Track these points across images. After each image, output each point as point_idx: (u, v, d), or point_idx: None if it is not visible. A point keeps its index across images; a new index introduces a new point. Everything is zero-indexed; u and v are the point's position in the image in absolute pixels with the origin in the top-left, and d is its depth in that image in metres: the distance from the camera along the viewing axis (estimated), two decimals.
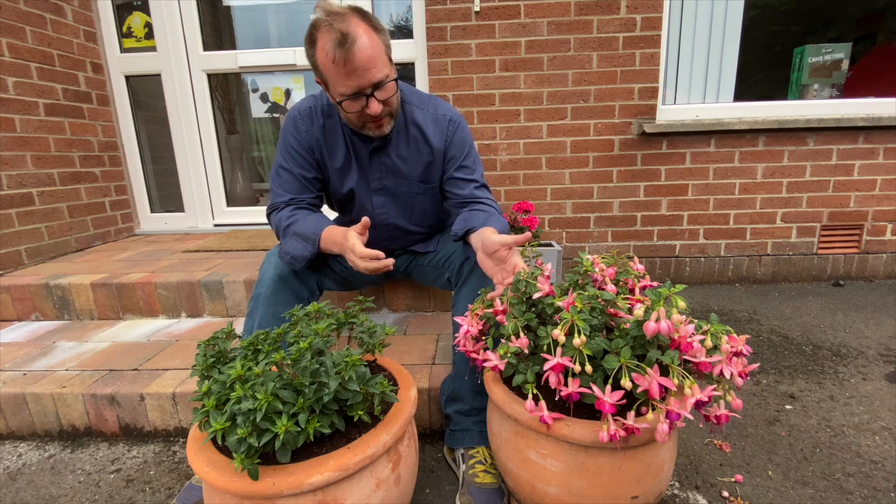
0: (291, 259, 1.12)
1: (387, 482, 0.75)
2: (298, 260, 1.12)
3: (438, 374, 1.24)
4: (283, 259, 1.14)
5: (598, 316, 0.80)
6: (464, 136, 1.21)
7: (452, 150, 1.20)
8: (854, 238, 2.30)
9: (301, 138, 1.16)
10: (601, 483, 0.77)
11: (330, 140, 1.17)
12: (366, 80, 0.98)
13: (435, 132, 1.19)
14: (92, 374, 1.31)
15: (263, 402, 0.65)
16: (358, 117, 1.06)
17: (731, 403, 0.77)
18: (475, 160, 1.24)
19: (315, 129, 1.16)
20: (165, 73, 2.43)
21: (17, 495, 1.05)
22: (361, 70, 0.96)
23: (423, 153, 1.19)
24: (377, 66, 0.97)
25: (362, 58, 0.95)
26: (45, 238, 2.07)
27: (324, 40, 0.95)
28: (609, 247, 2.35)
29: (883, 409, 1.26)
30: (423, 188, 1.24)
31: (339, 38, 0.92)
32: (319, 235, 1.09)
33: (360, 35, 0.94)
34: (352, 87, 0.98)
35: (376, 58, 0.97)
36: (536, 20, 2.11)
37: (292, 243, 1.12)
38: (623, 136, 2.22)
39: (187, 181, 2.57)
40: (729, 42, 2.27)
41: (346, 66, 0.95)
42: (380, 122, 1.08)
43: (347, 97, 1.00)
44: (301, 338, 0.79)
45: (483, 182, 1.23)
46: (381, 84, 1.00)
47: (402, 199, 1.24)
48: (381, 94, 1.02)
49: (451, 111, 1.22)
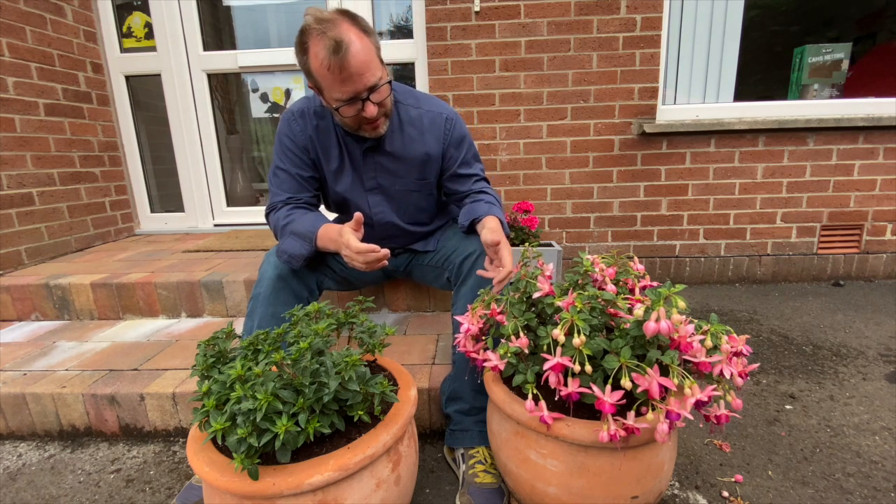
0: (289, 258, 1.12)
1: (387, 482, 0.75)
2: (296, 259, 1.12)
3: (438, 374, 1.24)
4: (280, 259, 1.14)
5: (598, 316, 0.80)
6: (461, 133, 1.22)
7: (451, 149, 1.21)
8: (854, 238, 2.30)
9: (296, 139, 1.17)
10: (601, 483, 0.77)
11: (323, 141, 1.18)
12: (361, 85, 0.98)
13: (431, 130, 1.19)
14: (92, 374, 1.31)
15: (263, 402, 0.65)
16: (354, 120, 1.07)
17: (731, 403, 0.77)
18: (474, 154, 1.26)
19: (309, 129, 1.17)
20: (165, 73, 2.43)
21: (17, 495, 1.05)
22: (357, 76, 0.96)
23: (418, 151, 1.20)
24: (371, 70, 0.98)
25: (357, 63, 0.95)
26: (45, 238, 2.07)
27: (317, 48, 0.95)
28: (609, 247, 2.35)
29: (883, 409, 1.26)
30: (418, 185, 1.24)
31: (334, 45, 0.92)
32: (316, 234, 1.09)
33: (353, 41, 0.94)
34: (347, 93, 0.98)
35: (370, 62, 0.97)
36: (536, 20, 2.11)
37: (290, 242, 1.12)
38: (623, 136, 2.22)
39: (187, 181, 2.57)
40: (729, 42, 2.27)
41: (342, 73, 0.95)
42: (375, 124, 1.09)
43: (344, 102, 1.00)
44: (301, 338, 0.79)
45: (482, 175, 1.26)
46: (376, 87, 1.01)
47: (396, 198, 1.25)
48: (377, 96, 1.02)
49: (446, 108, 1.22)
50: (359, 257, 0.99)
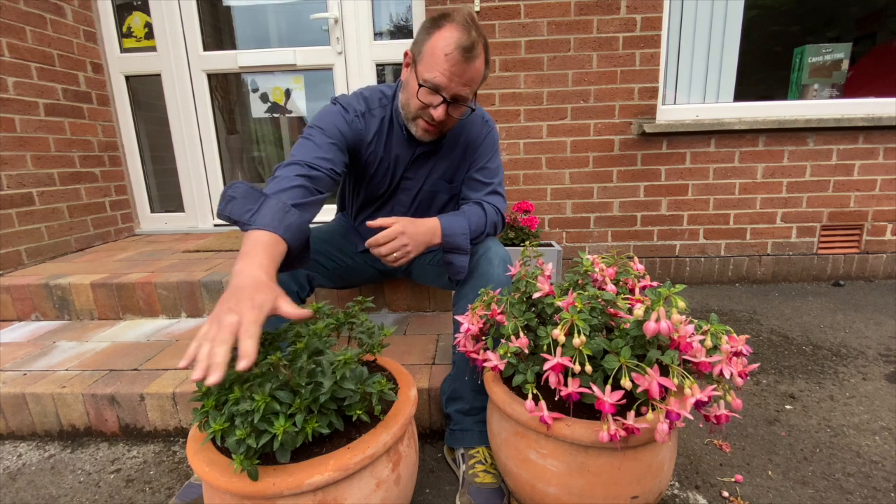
0: (225, 207, 0.89)
1: (387, 482, 0.75)
2: (224, 217, 0.89)
3: (438, 374, 1.24)
4: (221, 201, 0.90)
5: (598, 316, 0.80)
6: (493, 140, 1.24)
7: (480, 151, 1.22)
8: (854, 238, 2.30)
9: (346, 129, 1.09)
10: (601, 483, 0.77)
11: (375, 142, 1.17)
12: (453, 88, 1.01)
13: (469, 131, 1.21)
14: (92, 374, 1.31)
15: (261, 403, 0.65)
16: (418, 108, 1.06)
17: (731, 403, 0.77)
18: (498, 165, 1.25)
19: (367, 130, 1.15)
20: (165, 73, 2.43)
21: (17, 495, 1.05)
22: (458, 79, 1.00)
23: (455, 153, 1.21)
24: (469, 87, 1.03)
25: (468, 71, 1.00)
26: (45, 238, 2.07)
27: (452, 33, 0.97)
28: (609, 247, 2.35)
29: (883, 409, 1.26)
30: (445, 187, 1.25)
31: (469, 44, 0.97)
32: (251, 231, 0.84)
33: (478, 56, 1.01)
34: (438, 83, 1.00)
35: (474, 80, 1.03)
36: (536, 20, 2.11)
37: (240, 203, 0.88)
38: (623, 136, 2.22)
39: (187, 181, 2.57)
40: (729, 42, 2.27)
41: (452, 67, 0.98)
42: (429, 127, 1.09)
43: (428, 87, 1.01)
44: (299, 338, 0.79)
45: (498, 190, 1.23)
46: (460, 101, 1.04)
47: (423, 198, 1.26)
48: (453, 109, 1.05)
49: (484, 111, 1.24)
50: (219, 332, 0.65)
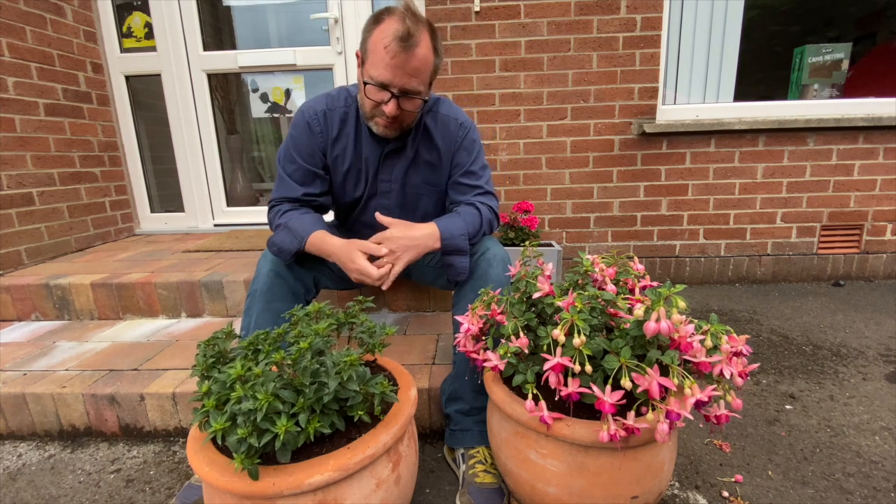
0: (279, 251, 1.12)
1: (387, 482, 0.75)
2: (285, 253, 1.12)
3: (438, 374, 1.24)
4: (270, 250, 1.14)
5: (598, 316, 0.80)
6: (473, 141, 1.22)
7: (460, 156, 1.21)
8: (854, 238, 2.30)
9: (314, 140, 1.16)
10: (601, 483, 0.77)
11: (342, 142, 1.18)
12: (399, 82, 0.99)
13: (444, 135, 1.19)
14: (92, 374, 1.31)
15: (264, 402, 0.65)
16: (371, 106, 1.07)
17: (731, 403, 0.77)
18: (483, 166, 1.24)
19: (329, 130, 1.16)
20: (165, 73, 2.43)
21: (17, 495, 1.05)
22: (401, 71, 0.98)
23: (431, 156, 1.20)
24: (417, 78, 1.00)
25: (410, 61, 0.97)
26: (45, 238, 2.07)
27: (390, 26, 0.96)
28: (609, 247, 2.35)
29: (883, 409, 1.26)
30: (428, 190, 1.25)
31: (405, 33, 0.94)
32: (307, 237, 1.10)
33: (421, 44, 0.97)
34: (384, 79, 0.99)
35: (421, 71, 1.00)
36: (536, 20, 2.11)
37: (281, 235, 1.13)
38: (623, 136, 2.22)
39: (187, 181, 2.57)
40: (729, 42, 2.27)
41: (393, 59, 0.97)
42: (387, 123, 1.09)
43: (375, 84, 1.01)
44: (301, 338, 0.79)
45: (487, 189, 1.23)
46: (409, 94, 1.02)
47: (406, 201, 1.25)
48: (405, 102, 1.03)
49: (462, 115, 1.23)
50: (361, 277, 1.05)
